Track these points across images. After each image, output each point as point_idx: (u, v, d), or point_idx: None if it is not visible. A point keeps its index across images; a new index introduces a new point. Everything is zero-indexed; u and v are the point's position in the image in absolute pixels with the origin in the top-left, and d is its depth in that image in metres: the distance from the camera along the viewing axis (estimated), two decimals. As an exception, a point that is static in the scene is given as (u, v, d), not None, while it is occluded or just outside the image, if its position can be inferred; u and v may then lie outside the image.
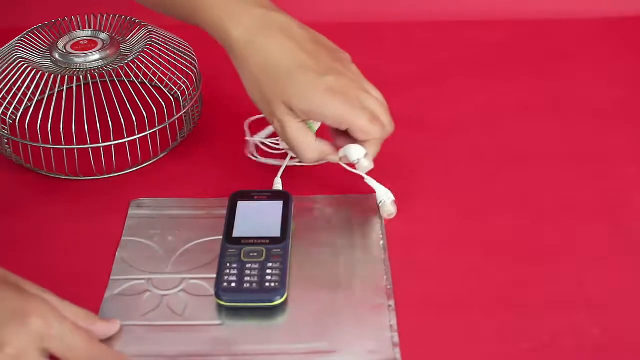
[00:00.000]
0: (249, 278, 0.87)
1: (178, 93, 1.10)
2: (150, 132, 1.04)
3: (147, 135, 1.04)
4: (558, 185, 1.01)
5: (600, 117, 1.11)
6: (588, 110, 1.12)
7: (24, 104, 1.06)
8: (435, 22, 1.27)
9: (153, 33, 1.09)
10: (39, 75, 1.04)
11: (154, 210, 0.98)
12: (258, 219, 0.92)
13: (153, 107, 1.03)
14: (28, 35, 1.10)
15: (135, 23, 1.11)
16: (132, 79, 1.06)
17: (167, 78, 1.10)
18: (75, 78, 1.04)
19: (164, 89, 1.08)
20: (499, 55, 1.22)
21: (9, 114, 1.06)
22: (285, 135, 0.91)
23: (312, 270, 0.91)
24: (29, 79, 1.04)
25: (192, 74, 1.08)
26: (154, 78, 1.08)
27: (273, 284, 0.87)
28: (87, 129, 1.01)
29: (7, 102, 1.05)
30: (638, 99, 1.14)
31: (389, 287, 0.89)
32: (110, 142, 1.03)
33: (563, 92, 1.16)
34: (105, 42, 1.08)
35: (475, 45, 1.24)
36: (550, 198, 1.00)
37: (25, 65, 1.05)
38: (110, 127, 1.02)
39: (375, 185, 0.95)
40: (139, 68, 1.06)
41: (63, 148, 1.03)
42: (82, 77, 1.05)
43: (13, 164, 1.05)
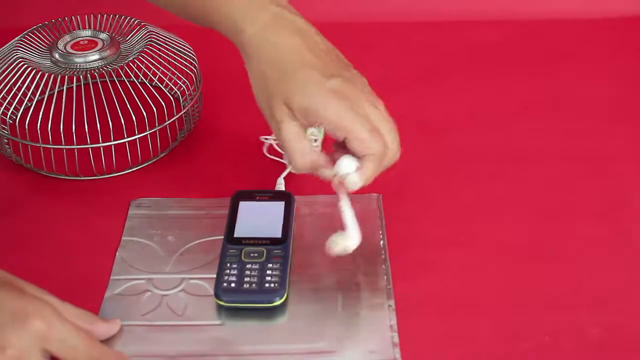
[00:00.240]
0: (249, 279, 0.87)
1: (178, 93, 1.10)
2: (150, 132, 1.04)
3: (147, 135, 1.04)
4: (558, 185, 1.01)
5: (600, 117, 1.11)
6: (588, 110, 1.12)
7: (24, 104, 1.06)
8: (435, 22, 1.27)
9: (153, 33, 1.09)
10: (39, 75, 1.04)
11: (154, 210, 0.98)
12: (259, 220, 0.92)
13: (153, 107, 1.03)
14: (28, 35, 1.10)
15: (135, 23, 1.11)
16: (132, 79, 1.06)
17: (167, 78, 1.10)
18: (75, 78, 1.04)
19: (164, 89, 1.08)
20: (499, 55, 1.22)
21: (9, 114, 1.06)
22: (281, 137, 0.87)
23: (312, 270, 0.91)
24: (29, 79, 1.04)
25: (192, 74, 1.08)
26: (154, 78, 1.08)
27: (273, 285, 0.87)
28: (87, 129, 1.01)
29: (7, 102, 1.05)
30: (638, 99, 1.14)
31: (389, 287, 0.89)
32: (110, 142, 1.03)
33: (563, 92, 1.16)
34: (106, 42, 1.08)
35: (475, 45, 1.24)
36: (550, 198, 1.00)
37: (25, 65, 1.05)
38: (110, 127, 1.02)
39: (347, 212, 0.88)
40: (139, 68, 1.06)
41: (63, 148, 1.03)
42: (82, 77, 1.05)
43: (13, 164, 1.05)
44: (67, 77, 1.07)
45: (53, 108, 1.02)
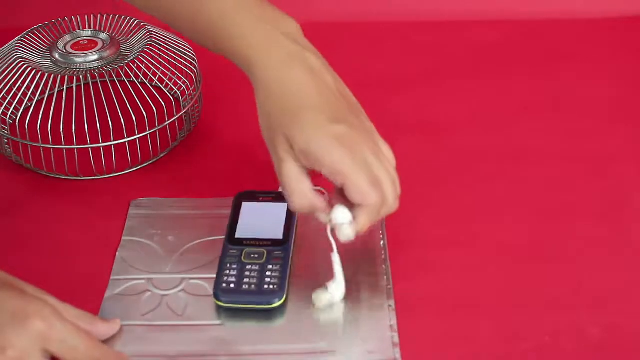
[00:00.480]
0: (248, 280, 0.87)
1: (178, 93, 1.10)
2: (150, 132, 1.04)
3: (147, 135, 1.04)
4: (558, 185, 1.01)
5: (600, 117, 1.11)
6: (588, 110, 1.12)
7: (24, 104, 1.06)
8: (435, 22, 1.27)
9: (153, 33, 1.09)
10: (39, 75, 1.04)
11: (154, 210, 0.98)
12: (261, 220, 0.92)
13: (153, 107, 1.03)
14: (28, 35, 1.10)
15: (135, 23, 1.11)
16: (132, 79, 1.06)
17: (167, 78, 1.10)
18: (75, 78, 1.04)
19: (164, 89, 1.08)
20: (499, 55, 1.22)
21: (9, 114, 1.06)
22: (281, 175, 0.86)
23: (312, 271, 0.90)
24: (29, 79, 1.04)
25: (192, 74, 1.08)
26: (154, 78, 1.08)
27: (272, 287, 0.87)
28: (87, 129, 1.01)
29: (7, 102, 1.05)
30: (638, 99, 1.14)
31: (389, 287, 0.89)
32: (110, 142, 1.03)
33: (563, 92, 1.16)
34: (106, 42, 1.08)
35: (475, 45, 1.24)
36: (550, 198, 1.00)
37: (25, 65, 1.05)
38: (110, 127, 1.02)
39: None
40: (139, 68, 1.06)
41: (63, 148, 1.03)
42: (82, 77, 1.05)
43: (13, 164, 1.05)
44: (67, 77, 1.07)
45: (53, 108, 1.02)
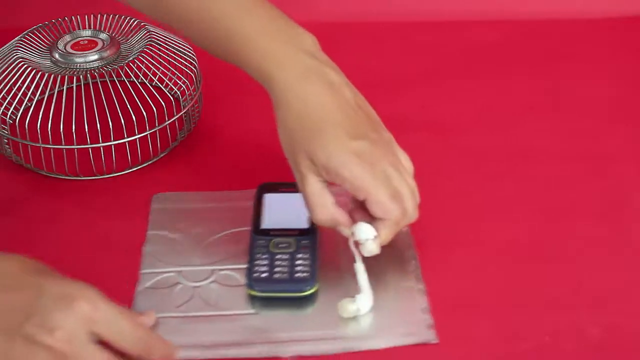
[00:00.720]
0: (280, 269, 0.88)
1: (178, 93, 1.10)
2: (150, 132, 1.04)
3: (147, 135, 1.04)
4: (558, 185, 1.01)
5: (600, 117, 1.11)
6: (588, 110, 1.12)
7: (24, 104, 1.06)
8: (436, 22, 1.27)
9: (153, 33, 1.09)
10: (39, 75, 1.04)
11: (176, 204, 0.99)
12: (285, 211, 0.92)
13: (153, 107, 1.03)
14: (28, 35, 1.10)
15: (135, 23, 1.11)
16: (132, 79, 1.06)
17: (167, 78, 1.10)
18: (75, 78, 1.04)
19: (164, 89, 1.08)
20: (499, 55, 1.22)
21: (9, 114, 1.06)
22: (304, 190, 0.87)
23: (340, 257, 0.91)
24: (29, 79, 1.04)
25: (192, 74, 1.08)
26: (154, 78, 1.08)
27: (303, 274, 0.88)
28: (87, 129, 1.01)
29: (7, 102, 1.05)
30: (638, 99, 1.14)
31: (418, 271, 0.90)
32: (110, 142, 1.03)
33: (563, 92, 1.16)
34: (106, 42, 1.08)
35: (476, 45, 1.24)
36: (550, 198, 1.00)
37: (25, 65, 1.05)
38: (110, 127, 1.02)
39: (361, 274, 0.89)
40: (139, 68, 1.06)
41: (63, 148, 1.03)
42: (82, 77, 1.05)
43: (13, 164, 1.05)
44: (67, 77, 1.07)
45: (53, 108, 1.02)
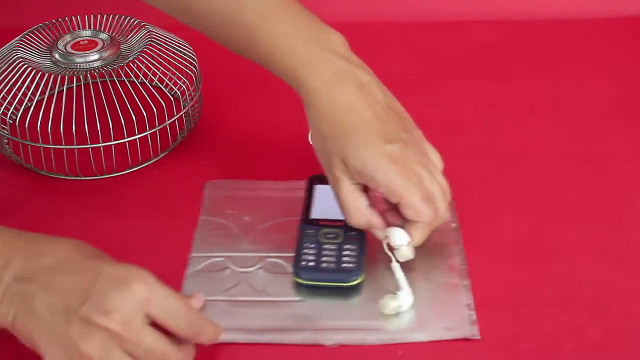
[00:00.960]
0: (327, 258, 0.89)
1: (178, 93, 1.10)
2: (150, 132, 1.04)
3: (147, 135, 1.04)
4: (558, 185, 1.01)
5: (600, 117, 1.11)
6: (588, 110, 1.12)
7: (24, 104, 1.06)
8: (436, 22, 1.27)
9: (153, 33, 1.09)
10: (39, 75, 1.04)
11: (228, 192, 1.00)
12: (335, 202, 0.92)
13: (153, 107, 1.03)
14: (28, 35, 1.10)
15: (135, 23, 1.11)
16: (132, 79, 1.06)
17: (167, 78, 1.10)
18: (75, 78, 1.04)
19: (164, 89, 1.08)
20: (499, 55, 1.22)
21: (9, 114, 1.06)
22: (339, 194, 0.89)
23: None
24: (29, 79, 1.04)
25: (192, 74, 1.08)
26: (154, 78, 1.08)
27: (350, 265, 0.89)
28: (87, 129, 1.01)
29: (7, 102, 1.05)
30: (638, 99, 1.14)
31: (464, 267, 0.91)
32: (110, 142, 1.03)
33: (563, 92, 1.16)
34: (106, 42, 1.08)
35: (476, 46, 1.24)
36: (550, 198, 1.00)
37: (25, 65, 1.05)
38: (110, 127, 1.02)
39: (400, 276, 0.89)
40: (139, 68, 1.06)
41: (63, 148, 1.03)
42: (82, 77, 1.05)
43: (13, 164, 1.06)
44: (67, 77, 1.07)
45: (53, 108, 1.02)
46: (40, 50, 1.08)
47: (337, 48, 0.91)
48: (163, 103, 1.05)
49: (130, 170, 1.04)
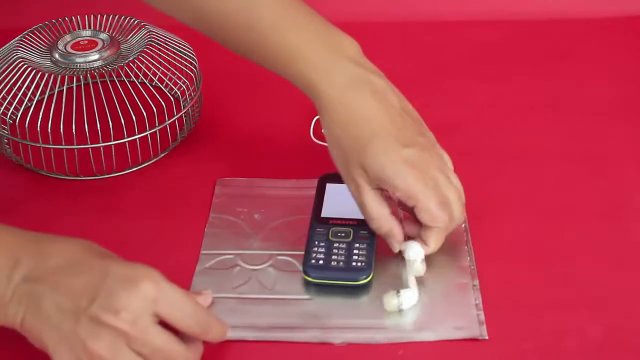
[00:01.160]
0: (337, 257, 0.90)
1: (178, 93, 1.10)
2: (150, 132, 1.04)
3: (147, 135, 1.04)
4: (558, 185, 1.01)
5: (600, 117, 1.11)
6: (588, 110, 1.12)
7: (24, 104, 1.06)
8: (436, 22, 1.27)
9: (153, 33, 1.09)
10: (39, 75, 1.04)
11: (239, 189, 1.01)
12: (346, 201, 0.93)
13: (153, 107, 1.03)
14: (28, 35, 1.10)
15: (135, 23, 1.11)
16: (132, 79, 1.06)
17: (167, 78, 1.10)
18: (75, 78, 1.04)
19: (164, 89, 1.08)
20: (499, 55, 1.22)
21: (9, 114, 1.06)
22: (361, 201, 0.89)
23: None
24: (29, 79, 1.04)
25: (192, 74, 1.08)
26: (154, 78, 1.08)
27: (359, 264, 0.89)
28: (87, 129, 1.01)
29: (7, 102, 1.05)
30: (638, 99, 1.14)
31: (473, 267, 0.91)
32: (110, 142, 1.03)
33: (563, 92, 1.16)
34: (106, 42, 1.08)
35: (476, 45, 1.24)
36: (550, 198, 1.00)
37: (25, 65, 1.05)
38: (110, 127, 1.02)
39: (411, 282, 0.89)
40: (139, 68, 1.06)
41: (63, 148, 1.03)
42: (82, 77, 1.05)
43: (13, 164, 1.05)
44: (67, 77, 1.07)
45: (53, 108, 1.02)
46: (40, 50, 1.08)
47: (350, 54, 0.91)
48: (163, 103, 1.05)
49: (130, 170, 1.04)
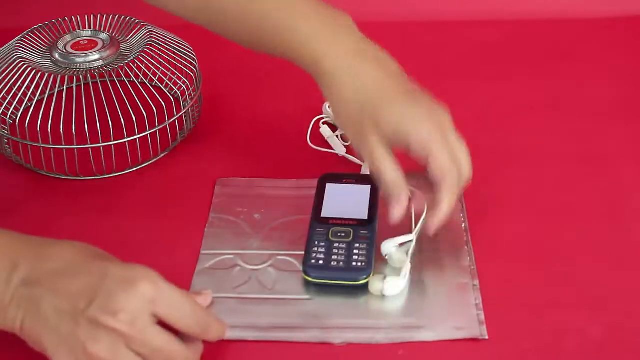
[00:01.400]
0: (337, 257, 0.90)
1: (178, 93, 1.10)
2: (150, 132, 1.04)
3: (147, 135, 1.04)
4: (558, 185, 1.01)
5: (600, 117, 1.11)
6: (588, 110, 1.12)
7: (24, 104, 1.06)
8: (435, 22, 1.27)
9: (153, 33, 1.09)
10: (39, 75, 1.04)
11: (240, 190, 1.01)
12: (346, 201, 0.93)
13: (153, 107, 1.03)
14: (28, 35, 1.10)
15: (135, 23, 1.11)
16: (132, 79, 1.06)
17: (167, 78, 1.10)
18: (75, 78, 1.04)
19: (164, 89, 1.08)
20: (499, 55, 1.22)
21: (9, 114, 1.06)
22: (373, 160, 0.90)
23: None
24: (29, 79, 1.04)
25: (192, 74, 1.08)
26: (154, 78, 1.08)
27: (360, 264, 0.89)
28: (87, 129, 1.01)
29: (7, 102, 1.05)
30: (638, 99, 1.14)
31: (473, 267, 0.91)
32: (110, 142, 1.03)
33: (563, 91, 1.16)
34: (106, 42, 1.08)
35: (476, 45, 1.24)
36: (550, 198, 1.00)
37: (25, 65, 1.05)
38: (110, 127, 1.02)
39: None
40: (139, 68, 1.06)
41: (63, 148, 1.03)
42: (82, 77, 1.05)
43: (13, 164, 1.06)
44: (67, 77, 1.07)
45: (53, 108, 1.02)
46: (40, 50, 1.08)
47: (351, 26, 0.93)
48: (163, 103, 1.05)
49: (130, 170, 1.04)
